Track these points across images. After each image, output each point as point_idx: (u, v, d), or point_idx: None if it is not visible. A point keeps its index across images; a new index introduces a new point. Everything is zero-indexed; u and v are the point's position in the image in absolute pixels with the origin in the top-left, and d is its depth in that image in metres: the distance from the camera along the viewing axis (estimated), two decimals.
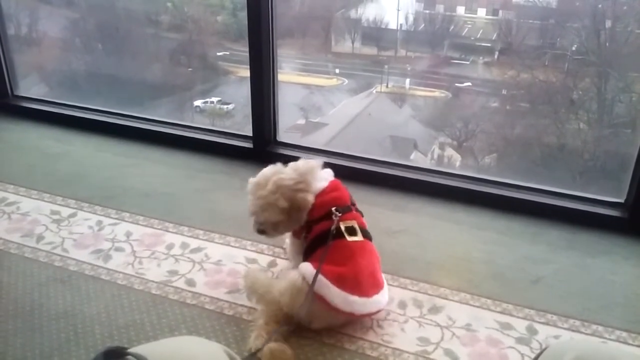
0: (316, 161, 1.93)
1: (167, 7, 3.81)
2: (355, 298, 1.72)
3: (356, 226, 1.81)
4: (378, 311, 1.79)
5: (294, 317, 1.73)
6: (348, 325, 1.79)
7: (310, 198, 1.84)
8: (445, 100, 3.51)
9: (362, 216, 1.89)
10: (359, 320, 1.80)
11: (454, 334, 1.78)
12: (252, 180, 1.93)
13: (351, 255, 1.76)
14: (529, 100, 3.13)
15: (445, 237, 2.25)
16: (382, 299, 1.79)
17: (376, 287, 1.79)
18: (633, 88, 2.77)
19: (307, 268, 1.74)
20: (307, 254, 1.83)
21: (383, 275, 1.85)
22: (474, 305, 1.90)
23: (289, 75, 3.73)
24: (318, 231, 1.81)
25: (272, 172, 1.90)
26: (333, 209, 1.81)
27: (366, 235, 1.83)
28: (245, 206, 2.43)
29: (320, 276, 1.70)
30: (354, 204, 1.90)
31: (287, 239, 2.07)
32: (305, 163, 1.92)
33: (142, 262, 2.09)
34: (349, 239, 1.78)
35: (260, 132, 2.77)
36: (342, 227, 1.79)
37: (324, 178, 1.92)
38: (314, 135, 3.60)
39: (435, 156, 3.43)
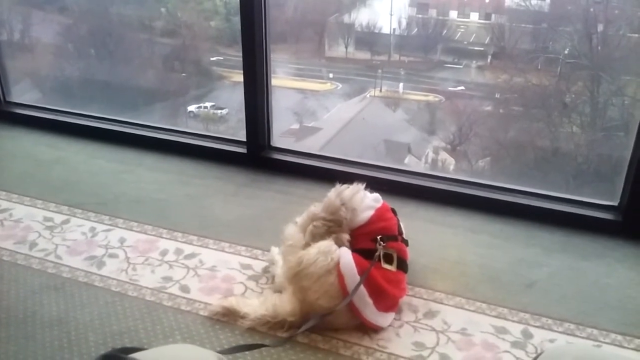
0: (354, 189, 1.95)
1: (161, 13, 3.81)
2: (370, 301, 1.75)
3: (395, 256, 1.84)
4: (376, 328, 1.79)
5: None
6: (343, 331, 1.78)
7: (345, 237, 1.87)
8: (439, 104, 3.52)
9: (407, 245, 1.92)
10: (354, 324, 1.80)
11: (449, 338, 1.78)
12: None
13: (384, 277, 1.80)
14: (522, 103, 3.13)
15: (439, 241, 2.25)
16: (385, 320, 1.81)
17: (389, 308, 1.82)
18: (625, 91, 2.78)
19: (346, 251, 1.79)
20: None
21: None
22: (469, 310, 1.90)
23: (283, 80, 3.73)
24: (359, 246, 1.85)
25: (309, 216, 1.94)
26: (379, 237, 1.83)
27: (401, 266, 1.85)
28: (239, 211, 2.44)
29: (353, 265, 1.75)
30: (401, 234, 1.92)
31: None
32: (336, 197, 1.92)
33: (135, 268, 2.08)
34: (383, 265, 1.81)
35: (254, 138, 2.77)
36: (381, 253, 1.81)
37: (369, 206, 1.92)
38: (309, 140, 3.60)
39: (429, 160, 3.43)
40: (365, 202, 1.93)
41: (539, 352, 1.01)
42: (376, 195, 1.98)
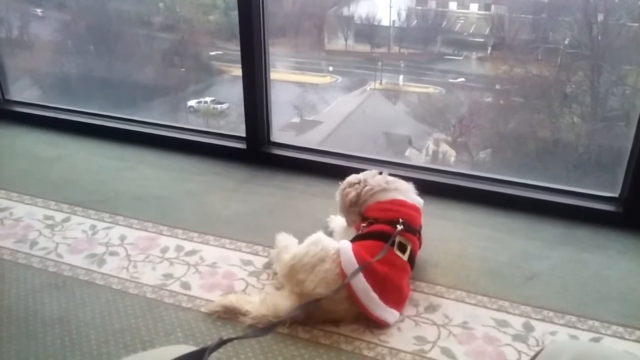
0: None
1: (159, 8, 3.79)
2: (374, 295, 1.76)
3: (409, 248, 1.87)
4: (382, 322, 1.79)
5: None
6: (344, 326, 1.78)
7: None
8: (439, 96, 3.50)
9: (420, 246, 1.97)
10: (354, 318, 1.80)
11: (450, 332, 1.78)
12: None
13: (388, 263, 1.81)
14: (522, 94, 3.12)
15: (440, 234, 2.25)
16: (391, 316, 1.80)
17: (395, 302, 1.82)
18: (626, 81, 2.76)
19: (345, 242, 1.84)
20: (354, 240, 1.90)
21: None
22: (470, 303, 1.90)
23: (283, 74, 3.72)
24: (376, 228, 1.89)
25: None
26: (400, 220, 1.88)
27: (411, 260, 1.88)
28: (239, 207, 2.44)
29: (352, 256, 1.77)
30: (419, 232, 1.96)
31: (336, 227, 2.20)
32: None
33: (136, 265, 2.08)
34: (396, 252, 1.83)
35: (254, 133, 2.76)
36: (397, 240, 1.84)
37: (410, 197, 2.01)
38: (309, 134, 3.60)
39: (430, 152, 3.42)
40: (411, 193, 2.03)
41: (539, 350, 1.01)
42: (420, 200, 2.05)
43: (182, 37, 3.81)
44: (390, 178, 2.06)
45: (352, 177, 2.09)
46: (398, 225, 1.86)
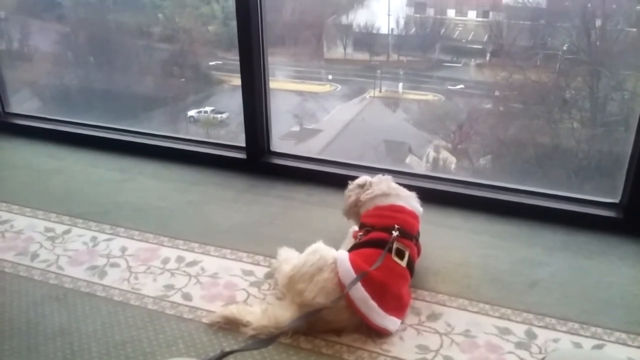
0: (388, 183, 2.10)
1: (158, 18, 3.81)
2: (373, 303, 1.75)
3: (407, 254, 1.87)
4: (383, 331, 1.78)
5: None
6: (346, 335, 1.78)
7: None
8: (439, 103, 3.51)
9: (419, 254, 1.98)
10: (356, 328, 1.79)
11: (453, 340, 1.77)
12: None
13: (387, 270, 1.81)
14: (521, 101, 3.13)
15: (441, 242, 2.24)
16: (392, 324, 1.80)
17: (395, 310, 1.81)
18: (625, 86, 2.77)
19: (341, 252, 1.84)
20: (352, 249, 1.91)
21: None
22: (472, 311, 1.89)
23: (282, 83, 3.73)
24: (373, 236, 1.90)
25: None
26: (396, 225, 1.88)
27: (410, 266, 1.88)
28: (240, 217, 2.44)
29: (349, 266, 1.77)
30: (417, 238, 1.97)
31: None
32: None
33: (137, 277, 2.08)
34: (394, 258, 1.84)
35: (254, 143, 2.77)
36: (395, 246, 1.85)
37: (408, 202, 2.03)
38: (309, 142, 3.60)
39: (430, 159, 3.42)
40: (410, 199, 2.05)
41: (542, 358, 1.01)
42: (420, 208, 2.06)
43: (182, 47, 3.82)
44: (394, 185, 2.08)
45: (361, 179, 2.14)
46: (393, 232, 1.87)
